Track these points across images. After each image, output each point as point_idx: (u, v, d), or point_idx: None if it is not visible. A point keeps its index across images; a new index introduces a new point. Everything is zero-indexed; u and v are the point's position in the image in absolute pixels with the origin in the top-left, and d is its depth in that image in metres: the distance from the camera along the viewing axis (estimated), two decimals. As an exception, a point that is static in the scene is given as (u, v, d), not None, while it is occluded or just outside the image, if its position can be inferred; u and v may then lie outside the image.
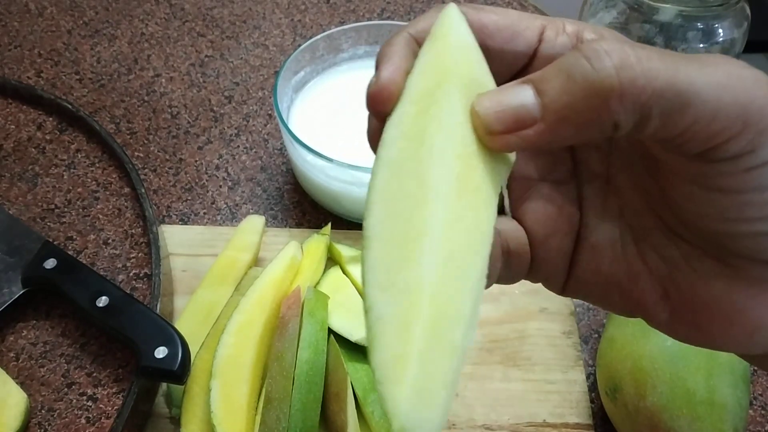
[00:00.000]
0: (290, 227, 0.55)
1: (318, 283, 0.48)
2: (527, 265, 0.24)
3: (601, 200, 0.24)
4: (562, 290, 0.25)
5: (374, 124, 0.22)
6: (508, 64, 0.22)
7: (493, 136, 0.20)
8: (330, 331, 0.44)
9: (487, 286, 0.22)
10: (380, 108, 0.21)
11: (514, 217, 0.24)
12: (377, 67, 0.21)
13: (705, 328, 0.22)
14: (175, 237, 0.53)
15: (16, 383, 0.44)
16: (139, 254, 0.52)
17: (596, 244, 0.23)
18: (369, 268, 0.19)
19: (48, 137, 0.60)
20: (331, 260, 0.51)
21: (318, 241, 0.49)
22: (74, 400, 0.45)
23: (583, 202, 0.24)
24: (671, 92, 0.17)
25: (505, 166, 0.22)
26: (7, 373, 0.44)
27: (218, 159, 0.59)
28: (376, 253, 0.19)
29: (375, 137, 0.21)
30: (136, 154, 0.59)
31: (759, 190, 0.19)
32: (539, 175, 0.24)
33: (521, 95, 0.19)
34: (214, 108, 0.63)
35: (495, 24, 0.21)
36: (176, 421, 0.42)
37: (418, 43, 0.22)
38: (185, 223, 0.55)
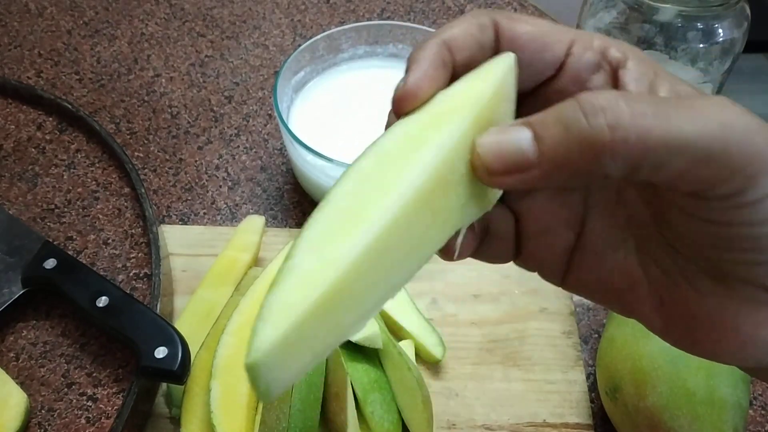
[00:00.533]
0: (290, 227, 0.55)
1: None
2: (509, 252, 0.25)
3: (610, 209, 0.24)
4: (561, 284, 0.26)
5: (393, 120, 0.24)
6: (536, 74, 0.23)
7: (491, 176, 0.21)
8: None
9: (461, 257, 0.23)
10: (404, 110, 0.22)
11: (512, 208, 0.25)
12: (406, 71, 0.22)
13: (698, 339, 0.23)
14: (175, 237, 0.53)
15: (16, 383, 0.44)
16: (139, 254, 0.52)
17: (599, 249, 0.24)
18: (310, 225, 0.20)
19: (48, 137, 0.60)
20: (331, 260, 0.51)
21: (318, 241, 0.49)
22: (74, 400, 0.45)
23: (590, 209, 0.24)
24: (662, 148, 0.18)
25: (484, 205, 0.22)
26: (7, 373, 0.44)
27: (218, 159, 0.59)
28: (323, 217, 0.20)
29: None
30: (136, 154, 0.59)
31: (748, 225, 0.19)
32: None
33: (521, 140, 0.20)
34: (214, 108, 0.63)
35: (528, 35, 0.22)
36: (176, 421, 0.42)
37: (449, 49, 0.22)
38: (185, 223, 0.55)
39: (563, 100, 0.19)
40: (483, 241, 0.24)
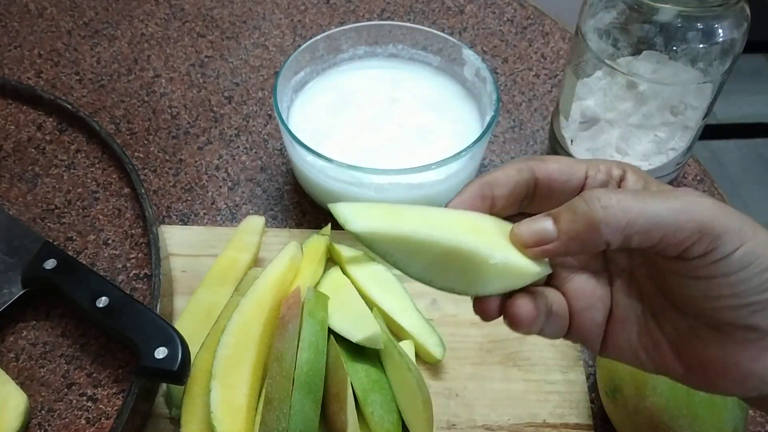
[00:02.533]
0: (290, 227, 0.55)
1: (318, 283, 0.48)
2: (566, 326, 0.31)
3: (627, 286, 0.31)
4: (600, 352, 0.32)
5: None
6: (568, 194, 0.30)
7: (527, 248, 0.29)
8: (330, 331, 0.44)
9: (530, 333, 0.30)
10: None
11: (562, 291, 0.31)
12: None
13: (710, 379, 0.29)
14: (175, 237, 0.53)
15: (16, 384, 0.44)
16: (139, 255, 0.52)
17: (625, 318, 0.31)
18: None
19: (48, 137, 0.60)
20: (331, 260, 0.51)
21: (318, 242, 0.49)
22: (74, 401, 0.45)
23: (613, 288, 0.31)
24: (642, 219, 0.26)
25: (543, 267, 0.29)
26: (7, 373, 0.45)
27: (218, 159, 0.59)
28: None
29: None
30: (136, 154, 0.59)
31: (725, 275, 0.26)
32: (580, 266, 0.31)
33: (545, 223, 0.28)
34: (214, 108, 0.63)
35: (557, 170, 0.30)
36: (176, 421, 0.42)
37: (490, 186, 0.30)
38: (185, 224, 0.55)
39: None
40: (547, 320, 0.30)
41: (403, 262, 0.27)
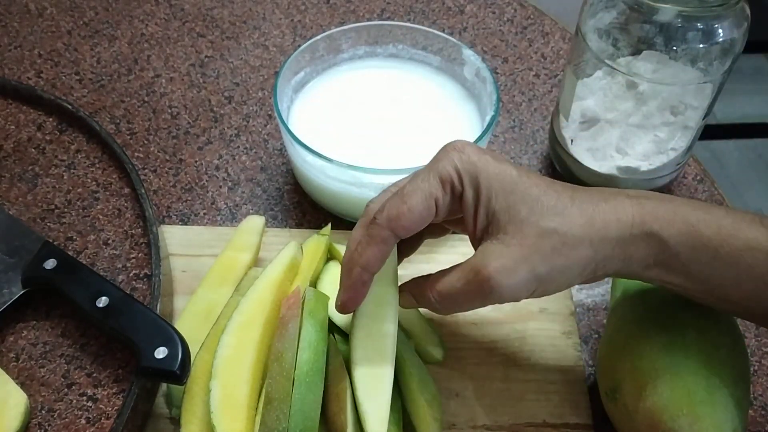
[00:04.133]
0: (290, 227, 0.55)
1: (318, 277, 0.48)
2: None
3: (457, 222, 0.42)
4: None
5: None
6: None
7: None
8: (330, 331, 0.44)
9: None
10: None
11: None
12: (342, 287, 0.40)
13: None
14: (175, 237, 0.53)
15: (16, 384, 0.44)
16: (139, 255, 0.52)
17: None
18: (356, 382, 0.40)
19: (48, 137, 0.60)
20: (331, 261, 0.51)
21: (318, 242, 0.49)
22: (74, 401, 0.45)
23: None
24: (446, 293, 0.39)
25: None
26: (7, 373, 0.44)
27: (218, 159, 0.59)
28: (360, 375, 0.40)
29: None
30: (136, 154, 0.59)
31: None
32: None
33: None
34: (214, 108, 0.63)
35: (415, 226, 0.38)
36: (176, 421, 0.42)
37: (368, 271, 0.39)
38: (185, 224, 0.55)
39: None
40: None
41: None
